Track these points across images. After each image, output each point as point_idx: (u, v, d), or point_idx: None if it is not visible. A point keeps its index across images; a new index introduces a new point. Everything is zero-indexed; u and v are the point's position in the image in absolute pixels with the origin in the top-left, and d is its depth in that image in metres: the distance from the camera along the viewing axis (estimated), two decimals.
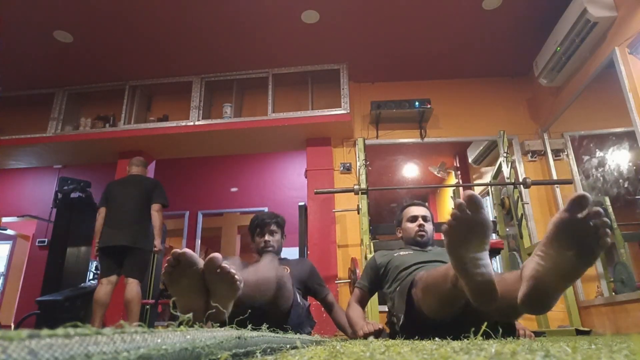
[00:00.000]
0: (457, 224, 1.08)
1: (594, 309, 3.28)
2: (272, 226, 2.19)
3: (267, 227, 2.18)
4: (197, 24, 3.60)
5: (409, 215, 2.12)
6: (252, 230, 2.23)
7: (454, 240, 1.10)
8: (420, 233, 2.05)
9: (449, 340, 0.94)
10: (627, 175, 3.08)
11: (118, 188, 3.34)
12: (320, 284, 2.24)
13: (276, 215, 2.24)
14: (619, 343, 0.78)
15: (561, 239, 0.98)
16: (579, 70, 3.37)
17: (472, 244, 1.09)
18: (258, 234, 2.19)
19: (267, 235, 2.17)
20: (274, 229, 2.20)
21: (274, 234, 2.20)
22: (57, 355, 0.28)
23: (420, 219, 2.08)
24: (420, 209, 2.12)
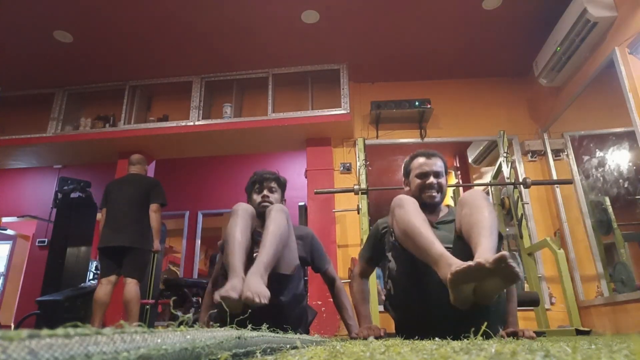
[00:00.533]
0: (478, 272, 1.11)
1: (594, 309, 3.28)
2: (272, 182, 1.96)
3: (267, 182, 1.95)
4: (197, 24, 3.60)
5: (417, 170, 1.76)
6: (249, 189, 2.00)
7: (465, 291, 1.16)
8: (430, 194, 1.72)
9: (449, 340, 0.94)
10: (627, 175, 3.08)
11: (117, 188, 3.34)
12: (321, 256, 2.02)
13: (277, 173, 2.03)
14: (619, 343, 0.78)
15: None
16: (579, 70, 3.37)
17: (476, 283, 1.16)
18: (257, 190, 1.96)
19: (266, 191, 1.93)
20: (273, 186, 1.97)
21: (274, 191, 1.96)
22: (57, 355, 0.28)
23: (432, 176, 1.73)
24: (432, 162, 1.76)
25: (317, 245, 2.01)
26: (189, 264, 5.45)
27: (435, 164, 1.76)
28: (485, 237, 1.29)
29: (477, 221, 1.36)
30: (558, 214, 3.75)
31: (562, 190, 3.76)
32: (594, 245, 3.37)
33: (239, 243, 1.60)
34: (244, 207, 1.76)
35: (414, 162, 1.80)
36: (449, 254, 1.25)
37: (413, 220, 1.42)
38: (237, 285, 1.38)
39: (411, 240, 1.39)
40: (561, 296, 3.17)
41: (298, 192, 4.74)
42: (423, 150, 1.83)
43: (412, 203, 1.52)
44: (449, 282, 1.14)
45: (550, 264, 3.58)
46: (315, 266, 2.01)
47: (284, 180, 2.04)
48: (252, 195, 1.97)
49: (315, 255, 1.99)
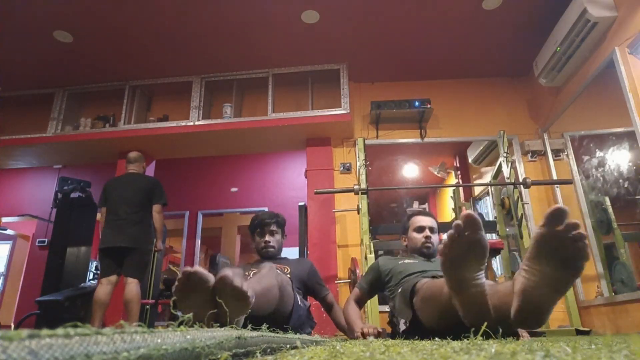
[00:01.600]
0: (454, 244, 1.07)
1: (594, 309, 3.28)
2: (272, 226, 2.19)
3: (267, 227, 2.17)
4: (197, 24, 3.60)
5: (415, 225, 2.09)
6: (252, 230, 2.23)
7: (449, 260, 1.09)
8: (427, 244, 2.03)
9: (449, 340, 0.94)
10: (627, 175, 3.08)
11: (117, 188, 3.32)
12: (319, 283, 2.23)
13: (276, 215, 2.23)
14: (619, 343, 0.78)
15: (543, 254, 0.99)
16: (579, 70, 3.37)
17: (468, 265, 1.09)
18: (258, 234, 2.19)
19: (268, 235, 2.17)
20: (274, 229, 2.19)
21: (275, 234, 2.19)
22: (57, 355, 0.28)
23: (427, 230, 2.06)
24: (428, 220, 2.09)
25: (316, 273, 2.24)
26: (189, 264, 5.44)
27: (431, 221, 2.10)
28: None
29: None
30: None
31: (562, 190, 3.76)
32: (594, 245, 3.37)
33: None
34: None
35: (412, 220, 2.12)
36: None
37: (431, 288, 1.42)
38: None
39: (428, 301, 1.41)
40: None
41: (298, 192, 4.75)
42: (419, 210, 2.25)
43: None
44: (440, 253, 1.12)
45: None
46: (316, 293, 2.22)
47: (283, 220, 2.26)
48: (255, 238, 2.22)
49: (314, 282, 2.21)
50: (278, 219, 2.22)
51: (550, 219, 0.97)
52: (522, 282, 1.02)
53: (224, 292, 1.07)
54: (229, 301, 1.08)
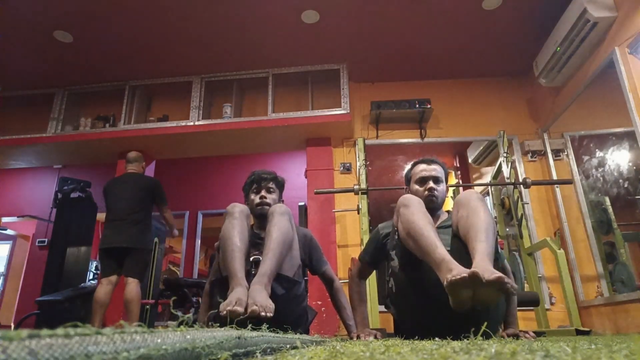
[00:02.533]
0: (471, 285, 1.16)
1: (594, 309, 3.28)
2: (270, 183, 1.94)
3: (264, 182, 1.94)
4: (197, 24, 3.60)
5: (417, 176, 1.83)
6: (246, 188, 1.98)
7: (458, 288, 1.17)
8: (430, 198, 1.77)
9: (449, 340, 0.94)
10: (627, 175, 3.08)
11: (116, 188, 3.32)
12: (319, 258, 2.02)
13: (275, 173, 2.01)
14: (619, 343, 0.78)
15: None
16: (579, 70, 3.37)
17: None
18: (254, 190, 1.94)
19: (264, 191, 1.92)
20: (271, 187, 1.95)
21: (272, 191, 1.95)
22: (57, 355, 0.28)
23: (431, 181, 1.79)
24: (432, 168, 1.82)
25: (316, 246, 2.01)
26: (189, 264, 5.45)
27: (435, 170, 1.82)
28: (481, 241, 1.33)
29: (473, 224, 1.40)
30: (558, 214, 3.75)
31: (562, 190, 3.76)
32: (594, 245, 3.37)
33: (239, 249, 1.58)
34: (239, 208, 1.74)
35: (415, 169, 1.87)
36: (450, 258, 1.27)
37: (417, 222, 1.43)
38: (242, 297, 1.34)
39: (414, 241, 1.41)
40: (561, 296, 3.17)
41: (298, 192, 4.74)
42: (423, 157, 1.89)
43: (418, 203, 1.54)
44: (447, 288, 1.19)
45: (550, 264, 3.58)
46: (313, 268, 2.00)
47: (282, 180, 2.02)
48: (250, 195, 1.96)
49: (313, 256, 1.99)
50: (277, 176, 1.99)
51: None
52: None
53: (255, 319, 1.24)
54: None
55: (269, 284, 1.47)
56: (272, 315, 1.31)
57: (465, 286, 1.16)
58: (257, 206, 1.90)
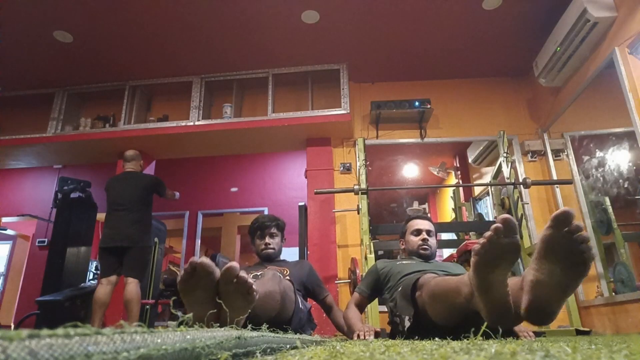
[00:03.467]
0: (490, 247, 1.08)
1: (594, 309, 3.28)
2: (272, 229, 2.22)
3: (267, 229, 2.21)
4: (197, 23, 3.60)
5: (413, 229, 2.12)
6: (252, 233, 2.26)
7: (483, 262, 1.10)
8: (424, 247, 2.06)
9: (449, 340, 0.94)
10: (627, 175, 3.08)
11: (115, 187, 3.32)
12: (319, 285, 2.25)
13: (277, 218, 2.27)
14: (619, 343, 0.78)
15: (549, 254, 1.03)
16: (579, 70, 3.37)
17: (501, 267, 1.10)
18: (259, 236, 2.22)
19: (268, 237, 2.20)
20: (274, 232, 2.22)
21: (274, 236, 2.23)
22: (57, 355, 0.28)
23: (425, 233, 2.09)
24: (425, 223, 2.13)
25: (315, 276, 2.26)
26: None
27: (428, 224, 2.13)
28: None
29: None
30: None
31: (562, 190, 3.76)
32: (594, 245, 3.37)
33: None
34: None
35: (410, 223, 2.16)
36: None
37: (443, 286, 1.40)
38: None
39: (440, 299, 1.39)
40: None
41: (298, 192, 4.75)
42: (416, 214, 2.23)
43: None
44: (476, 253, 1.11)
45: None
46: (314, 295, 2.24)
47: (282, 224, 2.29)
48: (256, 241, 2.24)
49: (312, 284, 2.22)
50: (278, 222, 2.26)
51: (556, 221, 1.01)
52: (532, 280, 1.05)
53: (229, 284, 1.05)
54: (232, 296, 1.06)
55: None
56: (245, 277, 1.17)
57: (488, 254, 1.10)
58: (262, 251, 2.20)
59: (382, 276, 2.01)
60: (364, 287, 2.07)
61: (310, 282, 2.21)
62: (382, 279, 2.01)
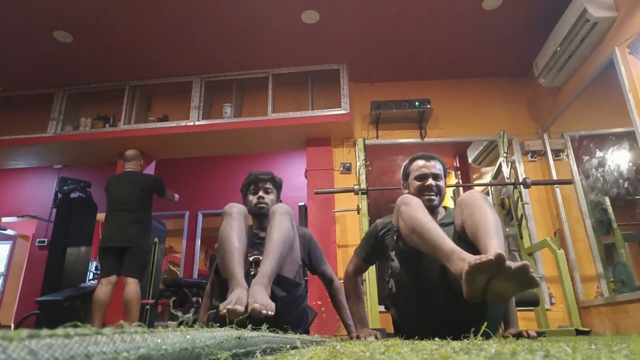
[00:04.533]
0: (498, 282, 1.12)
1: (594, 309, 3.28)
2: (267, 183, 1.96)
3: (262, 183, 1.96)
4: (197, 24, 3.60)
5: (417, 172, 1.76)
6: (245, 188, 2.01)
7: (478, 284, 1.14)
8: (429, 196, 1.71)
9: (449, 340, 0.94)
10: (627, 175, 3.08)
11: (115, 187, 3.32)
12: (320, 257, 2.05)
13: (272, 174, 2.02)
14: (619, 343, 0.78)
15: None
16: (579, 70, 3.37)
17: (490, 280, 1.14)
18: (252, 191, 1.96)
19: (262, 192, 1.94)
20: (269, 187, 1.97)
21: (269, 192, 1.97)
22: (57, 355, 0.28)
23: (431, 178, 1.73)
24: (431, 165, 1.76)
25: (315, 246, 2.03)
26: (189, 264, 5.45)
27: (434, 167, 1.76)
28: (493, 237, 1.29)
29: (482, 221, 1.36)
30: (558, 214, 3.75)
31: (562, 190, 3.76)
32: (594, 245, 3.37)
33: (237, 250, 1.56)
34: (237, 208, 1.72)
35: (413, 164, 1.80)
36: (460, 249, 1.24)
37: (421, 217, 1.41)
38: (242, 297, 1.34)
39: (419, 237, 1.38)
40: (561, 296, 3.17)
41: (298, 192, 4.74)
42: (422, 153, 1.83)
43: (418, 201, 1.53)
44: (466, 273, 1.13)
45: (550, 264, 3.58)
46: (313, 267, 2.02)
47: (279, 180, 2.04)
48: (248, 196, 1.98)
49: (312, 256, 2.01)
50: (274, 177, 2.01)
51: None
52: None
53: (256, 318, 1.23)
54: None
55: (269, 285, 1.46)
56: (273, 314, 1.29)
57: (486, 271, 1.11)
58: (255, 206, 1.92)
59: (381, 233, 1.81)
60: (362, 250, 1.89)
61: (310, 253, 2.01)
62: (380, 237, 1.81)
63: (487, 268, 1.10)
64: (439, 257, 1.29)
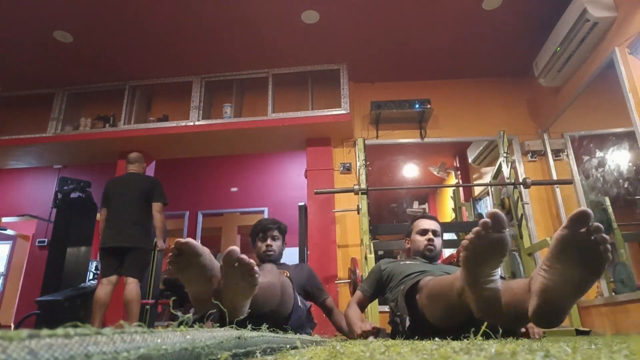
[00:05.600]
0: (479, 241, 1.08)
1: (594, 309, 3.28)
2: (274, 232, 2.23)
3: (269, 232, 2.22)
4: (197, 24, 3.60)
5: (419, 228, 2.11)
6: (254, 235, 2.27)
7: (472, 257, 1.11)
8: (429, 247, 2.05)
9: (449, 340, 0.94)
10: (627, 175, 3.08)
11: (117, 188, 3.33)
12: (319, 288, 2.27)
13: (279, 222, 2.29)
14: (619, 343, 0.78)
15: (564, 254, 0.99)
16: (579, 70, 3.37)
17: (489, 262, 1.11)
18: (260, 238, 2.22)
19: (270, 240, 2.21)
20: (276, 235, 2.23)
21: (276, 239, 2.24)
22: (57, 355, 0.28)
23: (430, 233, 2.08)
24: (431, 223, 2.12)
25: (315, 278, 2.28)
26: None
27: (434, 224, 2.12)
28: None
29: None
30: (558, 214, 3.75)
31: (562, 190, 3.76)
32: None
33: None
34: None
35: (416, 223, 2.14)
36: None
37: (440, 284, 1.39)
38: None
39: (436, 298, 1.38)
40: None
41: (298, 192, 4.75)
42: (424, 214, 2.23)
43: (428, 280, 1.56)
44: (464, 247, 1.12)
45: None
46: (315, 297, 2.25)
47: (284, 227, 2.30)
48: (257, 243, 2.24)
49: (314, 287, 2.25)
50: (280, 225, 2.27)
51: (574, 221, 0.97)
52: (542, 282, 1.01)
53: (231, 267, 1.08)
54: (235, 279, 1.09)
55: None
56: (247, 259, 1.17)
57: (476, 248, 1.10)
58: (264, 253, 2.20)
59: (385, 276, 2.01)
60: (366, 287, 2.06)
61: (310, 285, 2.23)
62: (384, 279, 2.01)
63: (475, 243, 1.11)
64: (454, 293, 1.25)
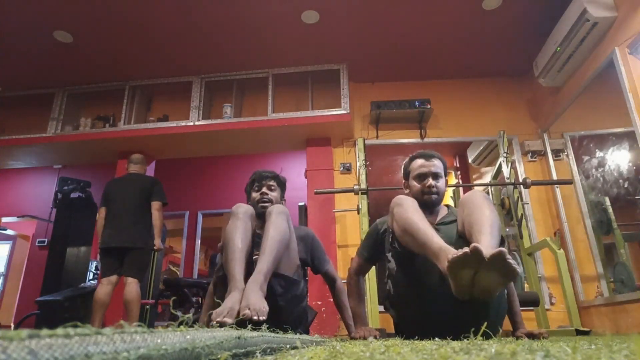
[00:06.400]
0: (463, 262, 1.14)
1: (594, 309, 3.28)
2: (270, 181, 1.97)
3: (265, 180, 1.96)
4: (197, 24, 3.60)
5: (416, 172, 1.74)
6: (248, 187, 2.02)
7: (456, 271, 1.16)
8: (427, 196, 1.69)
9: (449, 340, 0.94)
10: (627, 175, 3.08)
11: (117, 188, 3.34)
12: (321, 257, 2.03)
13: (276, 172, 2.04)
14: (619, 343, 0.78)
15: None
16: (579, 70, 3.37)
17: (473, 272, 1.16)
18: (255, 188, 1.97)
19: (265, 189, 1.94)
20: (272, 185, 1.97)
21: (273, 189, 1.97)
22: (57, 355, 0.28)
23: (430, 178, 1.70)
24: (431, 163, 1.73)
25: (318, 245, 2.01)
26: (189, 264, 5.45)
27: (434, 165, 1.73)
28: (484, 234, 1.31)
29: (477, 219, 1.39)
30: (558, 214, 3.75)
31: (562, 190, 3.76)
32: (594, 245, 3.37)
33: (239, 250, 1.57)
34: (244, 209, 1.74)
35: (413, 163, 1.78)
36: (448, 246, 1.26)
37: (412, 217, 1.43)
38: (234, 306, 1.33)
39: (410, 237, 1.41)
40: (561, 296, 3.17)
41: (298, 192, 4.74)
42: (422, 151, 1.80)
43: (411, 202, 1.54)
44: (448, 269, 1.16)
45: (550, 264, 3.58)
46: (315, 267, 2.01)
47: (283, 179, 2.04)
48: (252, 194, 1.97)
49: (315, 256, 1.99)
50: (278, 176, 2.02)
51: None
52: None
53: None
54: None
55: (265, 283, 1.46)
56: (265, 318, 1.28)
57: (467, 265, 1.13)
58: (259, 202, 1.91)
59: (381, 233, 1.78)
60: (364, 251, 1.87)
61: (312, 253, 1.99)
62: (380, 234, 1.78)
63: (466, 261, 1.12)
64: (429, 257, 1.31)
